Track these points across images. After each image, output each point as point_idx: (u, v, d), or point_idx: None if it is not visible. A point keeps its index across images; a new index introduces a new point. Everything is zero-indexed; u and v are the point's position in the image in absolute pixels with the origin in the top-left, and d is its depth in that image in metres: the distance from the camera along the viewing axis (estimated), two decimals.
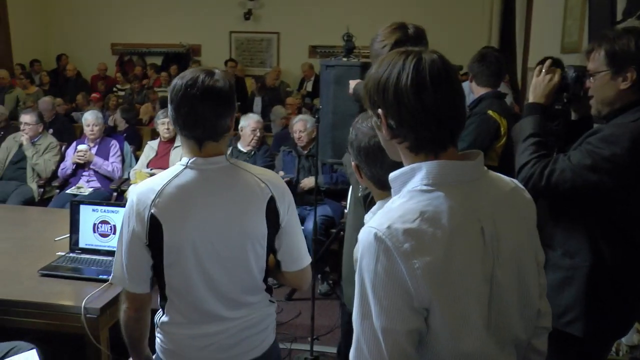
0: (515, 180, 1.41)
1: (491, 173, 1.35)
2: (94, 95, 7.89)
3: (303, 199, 4.73)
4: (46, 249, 3.13)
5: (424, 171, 1.23)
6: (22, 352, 2.45)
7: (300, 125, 4.87)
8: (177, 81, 1.70)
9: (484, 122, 3.12)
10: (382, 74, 1.24)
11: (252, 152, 5.01)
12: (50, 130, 5.57)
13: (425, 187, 1.22)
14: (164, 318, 1.83)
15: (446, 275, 1.17)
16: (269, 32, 10.71)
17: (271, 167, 4.99)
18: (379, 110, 1.26)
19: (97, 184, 5.17)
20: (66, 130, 6.80)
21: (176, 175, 1.73)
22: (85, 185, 5.14)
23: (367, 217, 1.82)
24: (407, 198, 1.22)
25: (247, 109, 8.53)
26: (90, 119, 5.21)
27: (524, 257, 1.32)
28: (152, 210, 1.70)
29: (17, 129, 6.40)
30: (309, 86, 9.76)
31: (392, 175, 1.29)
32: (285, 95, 8.95)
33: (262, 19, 10.68)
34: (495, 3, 8.13)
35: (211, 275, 1.75)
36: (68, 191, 5.10)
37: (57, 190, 5.34)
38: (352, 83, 2.79)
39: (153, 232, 1.70)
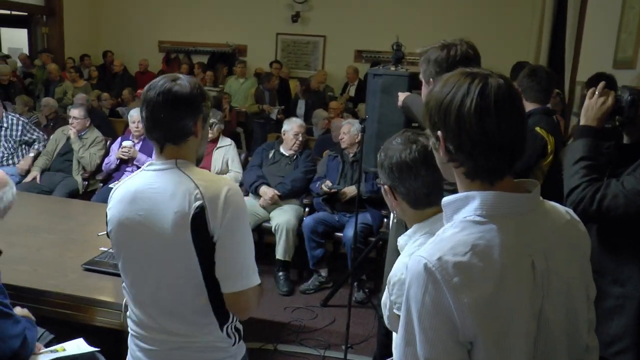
0: (570, 211, 1.36)
1: (546, 204, 1.31)
2: (139, 91, 8.00)
3: (343, 205, 4.72)
4: (89, 243, 3.20)
5: (478, 201, 1.20)
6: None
7: (345, 128, 4.87)
8: (148, 85, 1.76)
9: (530, 139, 3.07)
10: (446, 96, 1.21)
11: (294, 156, 5.02)
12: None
13: (478, 218, 1.19)
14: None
15: (494, 311, 1.14)
16: (315, 35, 10.71)
17: (313, 171, 5.00)
18: (439, 133, 1.23)
19: None
20: (105, 125, 6.91)
21: (131, 178, 1.80)
22: None
23: (401, 239, 1.80)
24: (459, 229, 1.20)
25: (290, 111, 8.56)
26: (135, 116, 5.28)
27: (574, 293, 1.28)
28: (108, 211, 1.80)
29: (65, 121, 6.55)
30: (351, 91, 9.71)
31: (445, 200, 1.27)
32: (329, 99, 8.94)
33: (310, 22, 10.68)
34: (547, 13, 7.97)
35: (141, 273, 1.78)
36: (111, 185, 5.16)
37: (101, 184, 5.43)
38: (402, 96, 2.74)
39: (110, 228, 1.80)
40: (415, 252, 1.22)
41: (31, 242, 3.19)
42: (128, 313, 1.88)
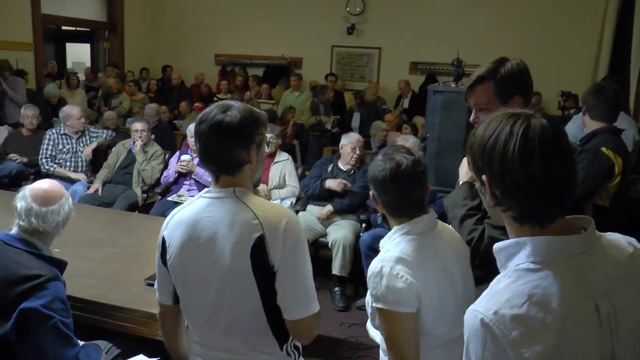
0: (633, 241, 1.28)
1: (604, 239, 1.24)
2: (196, 104, 8.15)
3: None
4: (150, 258, 3.19)
5: (529, 248, 1.16)
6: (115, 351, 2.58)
7: (400, 144, 4.80)
8: (199, 115, 1.78)
9: (596, 159, 2.91)
10: (489, 139, 1.18)
11: (352, 171, 5.00)
12: (153, 136, 5.84)
13: (532, 266, 1.15)
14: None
15: None
16: (370, 47, 10.70)
17: (366, 186, 4.98)
18: (483, 177, 1.20)
19: (196, 193, 5.28)
20: (167, 137, 7.06)
21: (189, 203, 1.84)
22: (186, 194, 5.29)
23: (382, 242, 1.94)
24: (513, 278, 1.15)
25: (345, 124, 8.57)
26: (194, 130, 5.35)
27: None
28: (164, 233, 1.84)
29: (125, 134, 6.74)
30: (405, 103, 9.65)
31: (496, 246, 1.23)
32: (383, 111, 8.91)
33: (365, 34, 10.67)
34: (608, 23, 7.74)
35: (200, 298, 1.79)
36: (169, 198, 5.26)
37: (159, 197, 5.52)
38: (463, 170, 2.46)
39: (164, 252, 1.84)
40: (471, 306, 1.18)
41: (95, 255, 3.27)
42: (189, 331, 1.92)
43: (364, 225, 4.88)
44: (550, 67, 8.52)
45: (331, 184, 4.85)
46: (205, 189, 1.82)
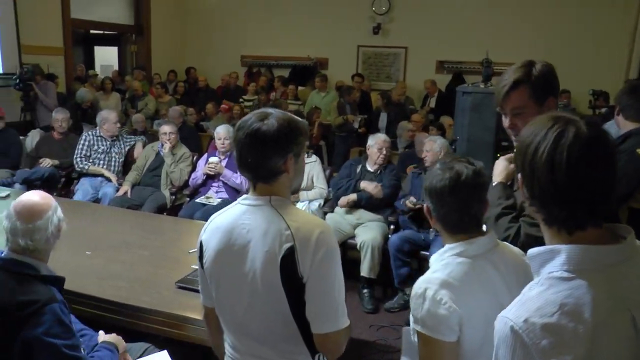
0: None
1: None
2: (223, 106, 8.19)
3: (429, 223, 4.62)
4: (181, 260, 3.29)
5: (564, 256, 1.14)
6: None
7: (428, 145, 4.83)
8: (238, 122, 1.77)
9: (631, 161, 2.82)
10: (526, 139, 1.18)
11: (379, 171, 5.00)
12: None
13: (565, 274, 1.13)
14: None
15: None
16: (396, 47, 10.66)
17: (397, 186, 4.96)
18: (519, 175, 1.21)
19: (225, 195, 5.33)
20: (192, 139, 7.09)
21: (228, 208, 1.84)
22: (214, 196, 5.33)
23: (432, 259, 1.80)
24: (546, 286, 1.13)
25: (371, 124, 8.54)
26: (221, 132, 5.41)
27: None
28: (202, 237, 1.85)
29: (152, 136, 6.82)
30: (432, 102, 9.58)
31: (531, 252, 1.21)
32: (410, 111, 8.86)
33: (391, 33, 10.64)
34: None
35: (232, 304, 1.81)
36: (197, 200, 5.31)
37: (187, 199, 5.57)
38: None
39: (201, 256, 1.85)
40: (502, 312, 1.16)
41: (127, 258, 3.31)
42: (224, 335, 1.93)
43: (392, 227, 4.86)
44: (580, 65, 8.41)
45: (367, 186, 4.85)
46: (244, 196, 1.82)
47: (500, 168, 2.13)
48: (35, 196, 2.28)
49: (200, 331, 2.57)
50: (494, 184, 2.13)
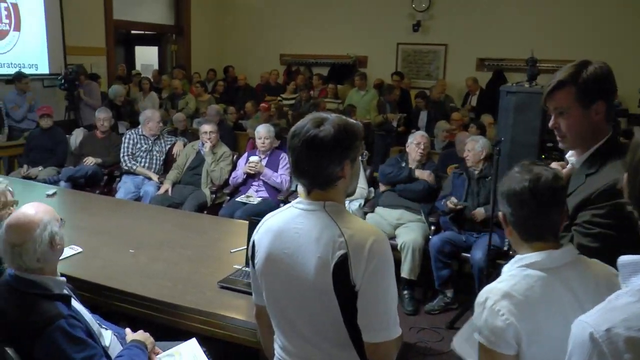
0: None
1: None
2: (262, 104, 8.21)
3: (471, 225, 4.58)
4: (223, 260, 3.31)
5: None
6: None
7: (469, 145, 4.75)
8: (292, 128, 1.73)
9: None
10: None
11: (420, 168, 4.97)
12: None
13: None
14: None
15: None
16: (436, 44, 10.56)
17: (438, 188, 4.92)
18: (625, 174, 1.19)
19: (265, 194, 5.36)
20: (229, 137, 7.12)
21: (281, 210, 1.83)
22: (254, 195, 5.35)
23: (504, 267, 1.71)
24: (636, 298, 1.07)
25: (411, 122, 8.48)
26: (262, 132, 5.43)
27: None
28: (255, 237, 1.85)
29: (192, 134, 6.90)
30: (473, 101, 9.46)
31: (622, 260, 1.14)
32: (450, 110, 8.77)
33: (431, 31, 10.54)
34: None
35: (283, 305, 1.80)
36: (238, 199, 5.34)
37: (228, 197, 5.59)
38: None
39: (253, 256, 1.86)
40: (581, 316, 1.12)
41: (170, 257, 3.34)
42: (275, 336, 1.92)
43: (433, 227, 4.81)
44: (628, 62, 8.17)
45: (421, 174, 4.85)
46: (297, 199, 1.80)
47: None
48: (24, 213, 2.22)
49: (243, 331, 2.59)
50: None
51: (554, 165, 2.07)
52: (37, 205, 2.28)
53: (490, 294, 1.60)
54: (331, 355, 1.77)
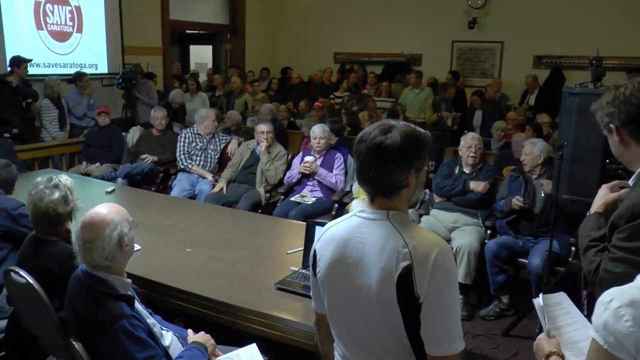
0: None
1: None
2: (317, 103, 8.21)
3: (528, 229, 4.46)
4: (279, 261, 3.31)
5: None
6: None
7: (527, 149, 4.58)
8: (360, 136, 1.73)
9: None
10: None
11: (474, 173, 4.85)
12: None
13: None
14: None
15: None
16: (492, 41, 10.36)
17: (494, 190, 4.81)
18: None
19: (320, 194, 5.36)
20: (280, 136, 7.08)
21: (343, 219, 1.83)
22: (309, 194, 5.36)
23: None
24: None
25: (466, 122, 8.35)
26: (317, 131, 5.44)
27: None
28: (316, 245, 1.86)
29: (246, 133, 6.96)
30: (531, 99, 9.22)
31: None
32: (506, 109, 8.59)
33: (487, 28, 10.34)
34: None
35: (345, 315, 1.80)
36: (292, 198, 5.36)
37: (282, 197, 5.61)
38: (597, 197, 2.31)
39: (315, 265, 1.86)
40: None
41: (227, 256, 3.36)
42: (335, 343, 1.93)
43: (489, 232, 4.71)
44: None
45: (476, 186, 4.74)
46: (360, 208, 1.79)
47: (599, 196, 2.06)
48: (97, 212, 2.28)
49: (300, 334, 2.58)
50: (590, 213, 2.05)
51: (604, 187, 2.10)
52: (110, 205, 2.35)
53: (617, 296, 1.49)
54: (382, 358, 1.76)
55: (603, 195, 2.03)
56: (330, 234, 1.81)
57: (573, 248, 4.16)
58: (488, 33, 10.37)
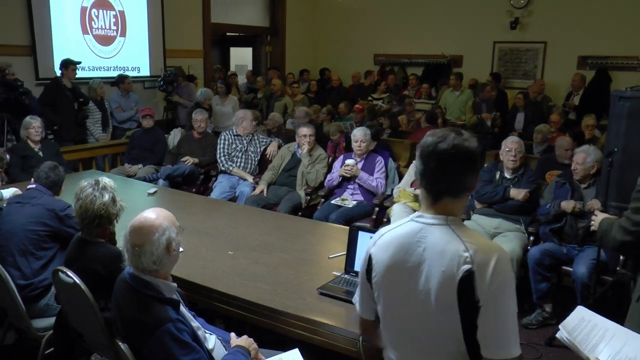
0: None
1: None
2: (357, 106, 8.17)
3: (572, 237, 4.35)
4: (321, 265, 3.31)
5: None
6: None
7: (579, 158, 4.41)
8: (428, 138, 1.76)
9: None
10: None
11: (516, 178, 4.76)
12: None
13: None
14: None
15: None
16: (535, 42, 10.15)
17: (534, 191, 4.70)
18: None
19: (360, 198, 5.34)
20: (320, 138, 7.10)
21: (399, 225, 1.85)
22: (349, 198, 5.34)
23: None
24: None
25: (507, 124, 8.22)
26: (358, 135, 5.42)
27: None
28: (371, 250, 1.88)
29: (286, 135, 6.98)
30: (575, 100, 8.98)
31: None
32: (548, 110, 8.41)
33: (529, 28, 10.14)
34: None
35: (402, 319, 1.83)
36: (333, 201, 5.35)
37: (322, 199, 5.61)
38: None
39: (369, 270, 1.88)
40: None
41: (269, 260, 3.37)
42: (386, 349, 1.96)
43: (532, 238, 4.61)
44: None
45: (517, 194, 4.64)
46: (417, 213, 1.82)
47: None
48: (146, 217, 2.31)
49: (343, 339, 2.56)
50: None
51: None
52: (159, 210, 2.37)
53: None
54: None
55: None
56: (387, 239, 1.84)
57: (622, 257, 4.03)
58: (531, 33, 10.17)
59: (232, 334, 2.59)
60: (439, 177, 1.73)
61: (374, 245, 1.87)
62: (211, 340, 2.53)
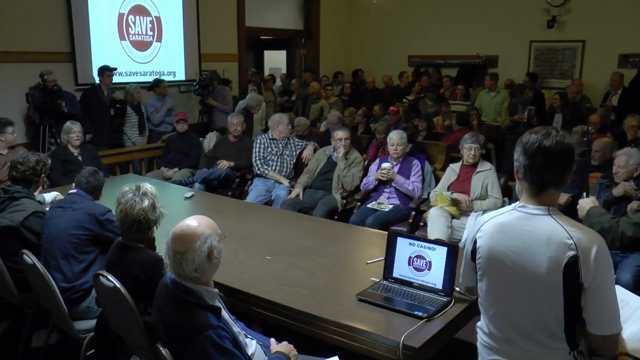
0: None
1: None
2: (392, 108, 8.10)
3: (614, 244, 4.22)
4: (359, 271, 3.29)
5: None
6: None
7: (621, 160, 4.30)
8: (532, 136, 1.96)
9: None
10: None
11: None
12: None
13: None
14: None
15: None
16: (573, 41, 9.94)
17: (577, 195, 4.60)
18: None
19: (396, 201, 5.30)
20: (353, 141, 7.05)
21: (502, 213, 2.08)
22: (385, 201, 5.31)
23: None
24: None
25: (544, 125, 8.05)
26: (395, 138, 5.38)
27: None
28: (477, 235, 2.12)
29: (319, 136, 6.97)
30: (614, 100, 8.74)
31: None
32: (586, 111, 8.21)
33: (567, 27, 9.93)
34: None
35: (505, 299, 2.06)
36: (369, 205, 5.32)
37: (358, 203, 5.58)
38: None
39: (474, 251, 2.15)
40: None
41: (306, 264, 3.36)
42: (479, 324, 2.22)
43: None
44: None
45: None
46: (520, 203, 2.03)
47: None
48: (188, 225, 2.31)
49: (381, 347, 2.54)
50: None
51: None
52: (201, 218, 2.38)
53: None
54: (542, 344, 1.99)
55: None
56: (492, 225, 2.06)
57: None
58: (568, 32, 9.96)
59: (272, 340, 2.59)
60: (546, 171, 1.92)
61: (479, 230, 2.10)
62: (252, 346, 2.53)
